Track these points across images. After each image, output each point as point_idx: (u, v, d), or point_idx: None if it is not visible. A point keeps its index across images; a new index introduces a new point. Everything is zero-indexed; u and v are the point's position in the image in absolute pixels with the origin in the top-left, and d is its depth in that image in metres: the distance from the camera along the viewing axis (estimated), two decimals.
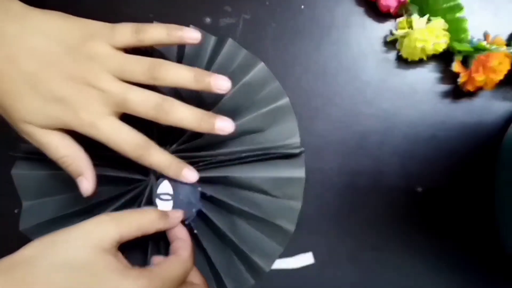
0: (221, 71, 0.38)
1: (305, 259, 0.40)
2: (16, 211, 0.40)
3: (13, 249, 0.36)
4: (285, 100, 0.39)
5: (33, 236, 0.38)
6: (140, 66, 0.33)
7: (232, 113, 0.38)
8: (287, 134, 0.39)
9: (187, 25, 0.40)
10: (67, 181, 0.37)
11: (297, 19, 0.41)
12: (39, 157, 0.37)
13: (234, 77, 0.38)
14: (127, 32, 0.33)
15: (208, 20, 0.42)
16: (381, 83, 0.41)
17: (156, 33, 0.33)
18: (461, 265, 0.40)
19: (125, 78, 0.33)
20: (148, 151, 0.34)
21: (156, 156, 0.34)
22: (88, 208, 0.37)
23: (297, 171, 0.39)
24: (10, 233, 0.40)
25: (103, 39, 0.33)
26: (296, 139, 0.39)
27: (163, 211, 0.35)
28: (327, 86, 0.41)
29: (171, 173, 0.35)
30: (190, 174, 0.35)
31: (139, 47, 0.34)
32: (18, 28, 0.32)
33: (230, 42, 0.39)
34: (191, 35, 0.34)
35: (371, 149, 0.40)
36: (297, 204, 0.39)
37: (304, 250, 0.40)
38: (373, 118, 0.41)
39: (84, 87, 0.32)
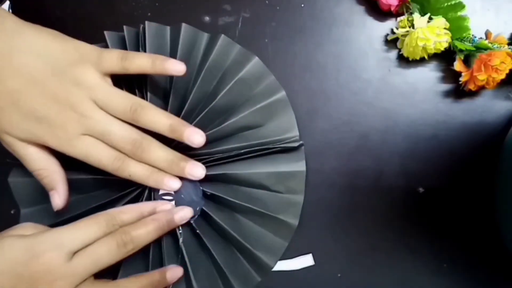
0: (215, 68, 0.38)
1: (305, 260, 0.39)
2: (12, 211, 0.40)
3: None
4: (281, 94, 0.39)
5: None
6: (123, 105, 0.34)
7: (228, 109, 0.38)
8: (285, 128, 0.39)
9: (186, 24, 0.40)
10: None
11: (297, 17, 0.41)
12: None
13: (229, 73, 0.38)
14: (113, 59, 0.34)
15: (207, 18, 0.42)
16: (382, 82, 0.41)
17: (141, 62, 0.34)
18: (462, 265, 0.39)
19: (106, 110, 0.34)
20: (125, 163, 0.34)
21: (134, 167, 0.35)
22: (87, 212, 0.37)
23: (297, 165, 0.38)
24: None
25: (91, 63, 0.34)
26: (294, 133, 0.39)
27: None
28: (327, 85, 0.41)
29: (151, 182, 0.35)
30: (172, 183, 0.36)
31: (124, 74, 0.35)
32: (8, 45, 0.32)
33: (222, 38, 0.39)
34: (175, 67, 0.35)
35: (372, 148, 0.40)
36: (300, 198, 0.38)
37: (304, 251, 0.39)
38: (373, 117, 0.40)
39: (65, 109, 0.33)
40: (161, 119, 0.34)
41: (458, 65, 0.38)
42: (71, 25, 0.42)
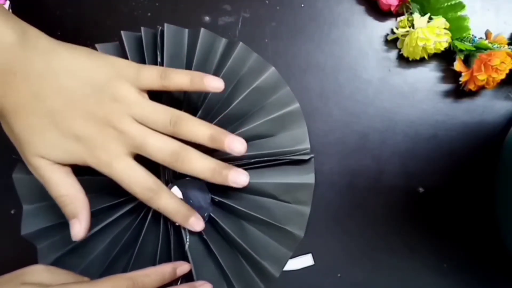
0: (231, 74, 0.38)
1: (305, 260, 0.39)
2: (12, 211, 0.40)
3: (10, 249, 0.36)
4: (295, 106, 0.39)
5: (36, 241, 0.38)
6: (162, 118, 0.33)
7: (241, 118, 0.38)
8: (297, 139, 0.39)
9: (186, 24, 0.40)
10: None
11: (297, 17, 0.41)
12: None
13: (244, 81, 0.38)
14: (152, 76, 0.34)
15: (207, 18, 0.41)
16: (382, 82, 0.40)
17: (180, 80, 0.34)
18: (462, 265, 0.39)
19: (146, 125, 0.34)
20: (158, 195, 0.34)
21: (165, 201, 0.34)
22: (97, 212, 0.37)
23: (306, 177, 0.38)
24: (6, 233, 0.40)
25: (127, 79, 0.33)
26: (306, 145, 0.39)
27: (174, 265, 0.35)
28: (327, 86, 0.41)
29: (178, 219, 0.35)
30: (196, 223, 0.35)
31: (163, 91, 0.35)
32: (44, 66, 0.32)
33: (240, 46, 0.39)
34: (213, 83, 0.34)
35: (372, 148, 0.40)
36: (306, 209, 0.38)
37: (304, 251, 0.39)
38: (373, 117, 0.40)
39: (105, 127, 0.33)
40: (201, 130, 0.34)
41: (458, 65, 0.38)
42: (71, 25, 0.42)
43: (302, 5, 0.41)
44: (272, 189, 0.37)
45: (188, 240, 0.37)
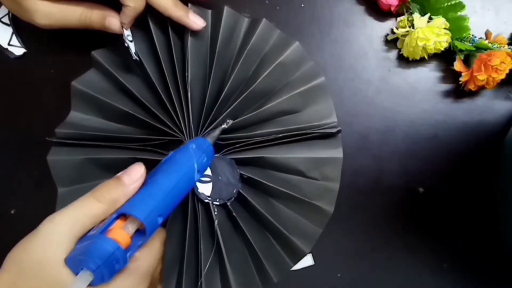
0: (255, 52, 0.38)
1: (305, 260, 0.39)
2: (12, 211, 0.40)
3: (10, 249, 0.36)
4: (320, 80, 0.39)
5: None
6: None
7: (267, 94, 0.38)
8: (324, 113, 0.39)
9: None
10: (103, 167, 0.37)
11: (297, 17, 0.41)
12: (74, 143, 0.37)
13: (268, 58, 0.38)
14: None
15: None
16: (382, 82, 0.40)
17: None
18: (462, 265, 0.39)
19: None
20: None
21: None
22: None
23: (334, 151, 0.38)
24: (6, 233, 0.40)
25: None
26: (332, 119, 0.39)
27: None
28: (327, 85, 0.41)
29: (176, 14, 0.36)
30: (198, 18, 0.37)
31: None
32: None
33: (264, 22, 0.38)
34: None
35: (372, 148, 0.40)
36: (335, 185, 0.38)
37: None
38: (373, 117, 0.40)
39: None
40: None
41: (458, 65, 0.38)
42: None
43: (302, 5, 0.41)
44: (300, 164, 0.37)
45: (217, 216, 0.36)
